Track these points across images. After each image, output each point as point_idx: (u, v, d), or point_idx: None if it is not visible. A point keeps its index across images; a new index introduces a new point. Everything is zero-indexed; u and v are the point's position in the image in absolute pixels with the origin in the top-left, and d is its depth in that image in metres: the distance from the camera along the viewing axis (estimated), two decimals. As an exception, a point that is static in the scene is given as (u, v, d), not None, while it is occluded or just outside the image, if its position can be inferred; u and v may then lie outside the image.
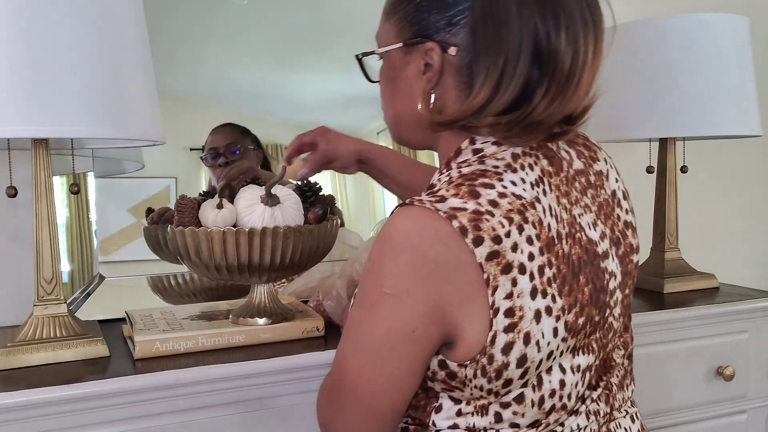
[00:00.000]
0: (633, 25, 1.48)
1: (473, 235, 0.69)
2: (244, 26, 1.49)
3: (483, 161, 0.76)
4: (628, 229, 0.86)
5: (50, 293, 1.08)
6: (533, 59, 0.71)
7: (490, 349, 0.71)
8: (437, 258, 0.68)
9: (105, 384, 0.96)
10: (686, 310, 1.36)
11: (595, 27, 0.74)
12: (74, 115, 0.95)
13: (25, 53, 0.92)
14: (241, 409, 1.04)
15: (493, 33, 0.72)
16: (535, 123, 0.73)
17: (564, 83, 0.72)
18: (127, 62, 1.02)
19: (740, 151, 1.93)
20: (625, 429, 0.87)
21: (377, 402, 0.75)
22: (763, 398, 1.45)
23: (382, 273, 0.71)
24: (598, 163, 0.86)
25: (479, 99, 0.73)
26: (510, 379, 0.73)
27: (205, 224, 1.08)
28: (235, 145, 1.49)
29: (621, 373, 0.87)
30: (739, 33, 1.46)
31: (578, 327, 0.76)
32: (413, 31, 0.80)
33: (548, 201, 0.75)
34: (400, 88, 0.83)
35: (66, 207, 1.36)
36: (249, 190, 1.11)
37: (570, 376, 0.77)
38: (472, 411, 0.77)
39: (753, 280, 1.87)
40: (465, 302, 0.70)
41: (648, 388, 1.34)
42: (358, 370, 0.74)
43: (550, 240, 0.73)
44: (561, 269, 0.73)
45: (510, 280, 0.70)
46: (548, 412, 0.77)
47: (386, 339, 0.72)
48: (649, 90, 1.45)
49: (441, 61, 0.77)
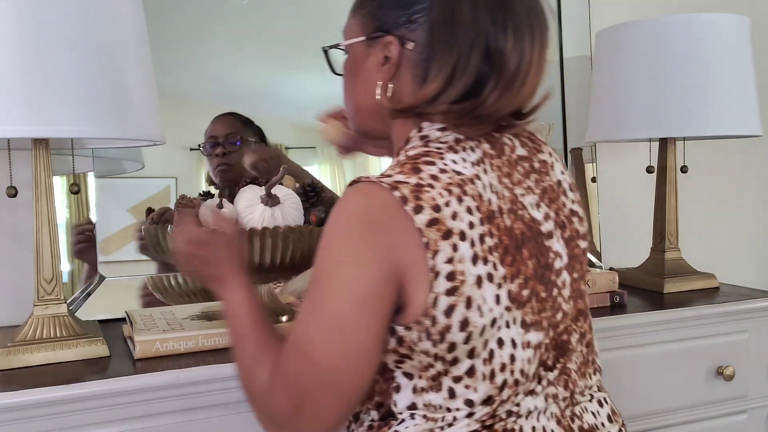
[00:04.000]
0: (633, 25, 1.48)
1: (414, 204, 0.74)
2: (244, 26, 1.49)
3: (427, 144, 0.82)
4: (574, 216, 0.90)
5: (50, 293, 1.08)
6: (484, 57, 0.79)
7: (432, 310, 0.75)
8: (385, 224, 0.74)
9: (105, 384, 0.97)
10: (686, 310, 1.36)
11: (540, 34, 0.82)
12: (74, 115, 0.95)
13: (25, 54, 0.92)
14: (241, 409, 1.04)
15: (448, 32, 0.79)
16: (484, 114, 0.80)
17: (511, 81, 0.79)
18: (127, 62, 1.02)
19: (740, 151, 1.93)
20: (593, 413, 0.89)
21: (348, 380, 0.75)
22: (763, 398, 1.45)
23: (337, 244, 0.75)
24: (542, 154, 0.91)
25: (433, 88, 0.80)
26: (453, 342, 0.76)
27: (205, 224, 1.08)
28: (236, 135, 1.46)
29: (579, 360, 0.89)
30: (739, 33, 1.46)
31: (523, 299, 0.80)
32: (375, 26, 0.87)
33: (489, 179, 0.81)
34: (362, 80, 0.89)
35: (66, 207, 1.36)
36: (249, 190, 1.11)
37: (521, 352, 0.80)
38: (427, 386, 0.80)
39: (753, 280, 1.87)
40: (410, 267, 0.74)
41: (648, 388, 1.34)
42: (326, 347, 0.74)
43: (491, 213, 0.78)
44: (503, 240, 0.78)
45: (450, 246, 0.75)
46: (500, 387, 0.80)
47: (351, 307, 0.74)
48: (649, 90, 1.45)
49: (399, 54, 0.84)
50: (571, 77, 1.75)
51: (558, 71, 1.74)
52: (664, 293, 1.50)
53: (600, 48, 1.58)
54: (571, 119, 1.75)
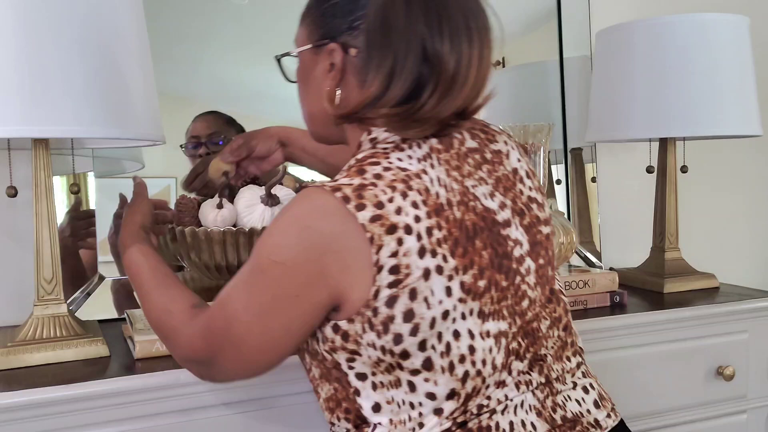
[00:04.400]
0: (633, 25, 1.48)
1: (356, 202, 0.76)
2: (244, 26, 1.49)
3: (375, 146, 0.84)
4: (533, 203, 0.91)
5: (50, 293, 1.08)
6: (422, 60, 0.80)
7: (373, 302, 0.77)
8: (321, 229, 0.76)
9: (105, 384, 0.97)
10: (686, 310, 1.36)
11: (479, 35, 0.82)
12: (74, 115, 0.95)
13: (25, 54, 0.92)
14: (241, 409, 1.04)
15: (383, 36, 0.80)
16: (425, 117, 0.81)
17: (450, 83, 0.80)
18: (126, 62, 1.02)
19: (740, 151, 1.93)
20: (578, 401, 0.89)
21: (257, 357, 0.83)
22: (763, 398, 1.45)
23: (272, 243, 0.79)
24: (496, 144, 0.92)
25: (371, 92, 0.81)
26: (399, 333, 0.77)
27: (205, 224, 1.08)
28: (219, 134, 1.44)
29: (557, 344, 0.89)
30: (739, 33, 1.46)
31: (480, 289, 0.80)
32: (320, 33, 0.88)
33: (436, 173, 0.82)
34: (312, 87, 0.91)
35: (66, 207, 1.36)
36: (249, 190, 1.11)
37: (480, 342, 0.81)
38: (386, 382, 0.81)
39: (753, 280, 1.87)
40: (345, 270, 0.76)
41: (648, 388, 1.34)
42: (246, 326, 0.80)
43: (439, 206, 0.79)
44: (452, 232, 0.79)
45: (395, 240, 0.76)
46: (462, 379, 0.80)
47: (272, 303, 0.79)
48: (649, 90, 1.46)
49: (343, 60, 0.86)
50: (571, 77, 1.75)
51: (558, 71, 1.74)
52: (664, 293, 1.50)
53: (600, 48, 1.58)
54: (571, 119, 1.75)
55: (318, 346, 0.83)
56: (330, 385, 0.86)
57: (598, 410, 0.90)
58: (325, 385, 0.87)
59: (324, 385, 0.87)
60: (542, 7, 1.74)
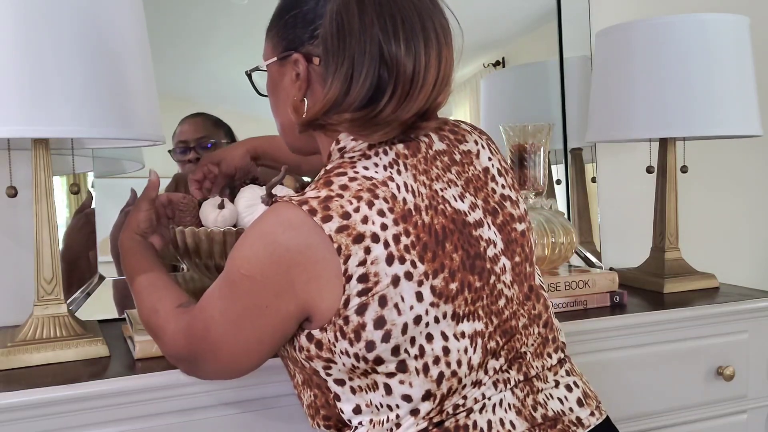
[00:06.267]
0: (633, 25, 1.48)
1: (322, 214, 0.77)
2: (244, 26, 1.49)
3: (343, 156, 0.85)
4: (506, 201, 0.91)
5: (50, 293, 1.08)
6: (380, 64, 0.80)
7: (344, 311, 0.78)
8: (287, 243, 0.77)
9: (105, 384, 0.97)
10: (686, 310, 1.36)
11: (436, 35, 0.82)
12: (74, 115, 0.95)
13: (25, 54, 0.92)
14: (241, 409, 1.04)
15: (339, 42, 0.81)
16: (386, 120, 0.81)
17: (408, 86, 0.80)
18: (127, 62, 1.02)
19: (740, 151, 1.93)
20: (560, 399, 0.89)
21: (233, 361, 0.86)
22: (763, 398, 1.45)
23: (241, 256, 0.80)
24: (466, 144, 0.92)
25: (329, 97, 0.81)
26: (371, 341, 0.78)
27: (205, 224, 1.08)
28: (207, 139, 1.42)
29: (537, 341, 0.89)
30: (739, 33, 1.46)
31: (452, 292, 0.81)
32: (283, 45, 0.89)
33: (403, 179, 0.82)
34: (281, 99, 0.92)
35: (66, 207, 1.36)
36: (249, 190, 1.11)
37: (454, 343, 0.81)
38: (363, 385, 0.82)
39: (753, 280, 1.87)
40: (313, 280, 0.78)
41: (648, 388, 1.34)
42: (222, 333, 0.83)
43: (406, 212, 0.80)
44: (421, 237, 0.80)
45: (363, 249, 0.77)
46: (437, 380, 0.81)
47: (243, 313, 0.81)
48: (649, 90, 1.46)
49: (306, 70, 0.87)
50: (571, 77, 1.75)
51: (558, 71, 1.74)
52: (664, 293, 1.50)
53: (600, 48, 1.58)
54: (571, 119, 1.75)
55: (296, 354, 0.84)
56: (311, 391, 0.87)
57: (581, 408, 0.89)
58: (306, 391, 0.88)
59: (306, 391, 0.89)
60: (542, 7, 1.74)
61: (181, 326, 0.89)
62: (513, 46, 1.73)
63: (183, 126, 1.43)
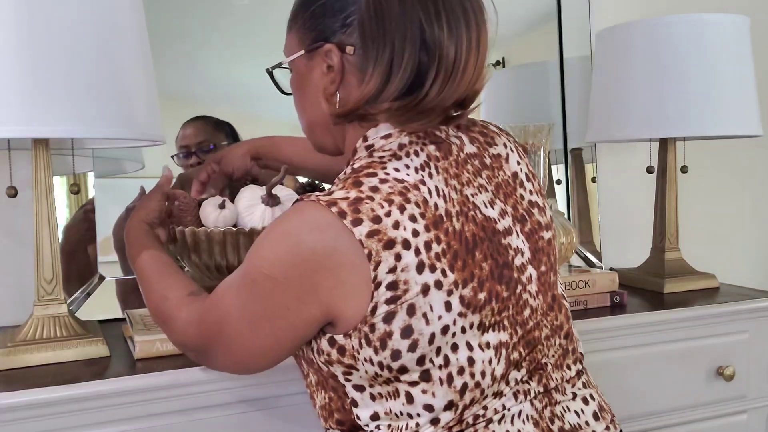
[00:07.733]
0: (633, 25, 1.48)
1: (352, 217, 0.73)
2: (244, 26, 1.49)
3: (372, 155, 0.81)
4: (534, 207, 0.89)
5: (50, 293, 1.08)
6: (421, 49, 0.77)
7: (370, 318, 0.75)
8: (313, 245, 0.74)
9: (105, 384, 0.97)
10: (686, 310, 1.36)
11: (476, 17, 0.79)
12: (74, 115, 0.95)
13: (25, 54, 0.92)
14: (242, 409, 1.04)
15: (379, 26, 0.77)
16: (428, 108, 0.77)
17: (451, 70, 0.77)
18: (127, 62, 1.02)
19: (740, 151, 1.93)
20: (576, 412, 0.87)
21: (247, 359, 0.83)
22: (763, 398, 1.45)
23: (263, 255, 0.77)
24: (495, 147, 0.89)
25: (371, 86, 0.78)
26: (397, 350, 0.76)
27: (206, 224, 1.08)
28: (208, 142, 1.43)
29: (558, 353, 0.88)
30: (739, 33, 1.46)
31: (480, 302, 0.78)
32: (312, 37, 0.85)
33: (435, 183, 0.79)
34: (309, 94, 0.88)
35: (66, 207, 1.36)
36: (250, 190, 1.11)
37: (479, 353, 0.79)
38: (384, 393, 0.80)
39: (753, 280, 1.87)
40: (339, 286, 0.74)
41: (648, 388, 1.34)
42: (238, 330, 0.81)
43: (438, 218, 0.77)
44: (452, 245, 0.77)
45: (393, 255, 0.74)
46: (461, 391, 0.78)
47: (262, 314, 0.78)
48: (649, 90, 1.45)
49: (341, 61, 0.82)
50: (571, 77, 1.75)
51: (558, 71, 1.74)
52: (664, 293, 1.50)
53: (600, 48, 1.58)
54: (571, 119, 1.75)
55: (314, 356, 0.82)
56: (326, 393, 0.85)
57: (597, 422, 0.88)
58: (320, 393, 0.86)
59: (320, 393, 0.86)
60: (542, 7, 1.74)
61: (193, 317, 0.86)
62: (513, 46, 1.73)
63: (184, 130, 1.44)
